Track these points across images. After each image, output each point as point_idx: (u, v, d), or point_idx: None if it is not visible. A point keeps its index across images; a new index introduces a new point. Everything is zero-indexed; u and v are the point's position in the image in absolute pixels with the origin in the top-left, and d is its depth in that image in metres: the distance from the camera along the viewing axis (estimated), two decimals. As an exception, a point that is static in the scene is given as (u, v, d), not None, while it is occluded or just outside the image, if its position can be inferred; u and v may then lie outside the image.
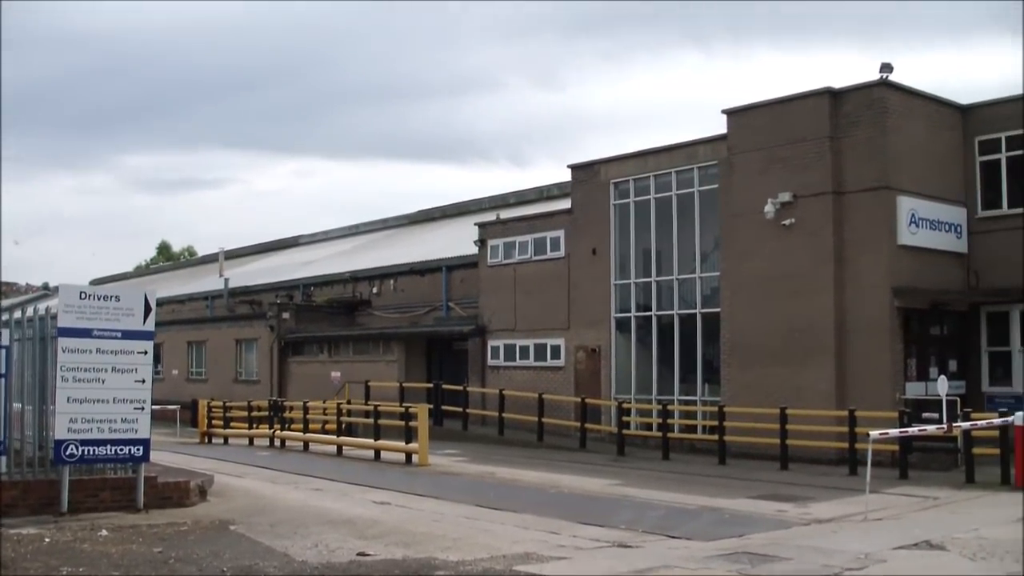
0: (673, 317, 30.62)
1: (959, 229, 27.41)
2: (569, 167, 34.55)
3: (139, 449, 15.89)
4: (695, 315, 29.97)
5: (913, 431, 21.01)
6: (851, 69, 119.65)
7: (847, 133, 26.15)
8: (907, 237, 25.73)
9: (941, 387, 20.77)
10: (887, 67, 25.86)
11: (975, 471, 21.13)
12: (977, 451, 21.42)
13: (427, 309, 42.93)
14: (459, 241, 41.88)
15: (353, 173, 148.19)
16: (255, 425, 37.04)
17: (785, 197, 26.72)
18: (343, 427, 32.66)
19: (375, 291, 46.36)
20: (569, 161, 35.19)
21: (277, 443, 33.70)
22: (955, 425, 20.72)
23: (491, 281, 37.37)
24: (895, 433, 20.53)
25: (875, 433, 18.62)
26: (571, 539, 14.71)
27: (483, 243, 37.83)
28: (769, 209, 26.85)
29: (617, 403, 30.12)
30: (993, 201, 27.56)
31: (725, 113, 28.80)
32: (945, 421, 20.63)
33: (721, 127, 29.02)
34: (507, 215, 40.23)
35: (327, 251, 59.00)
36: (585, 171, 33.77)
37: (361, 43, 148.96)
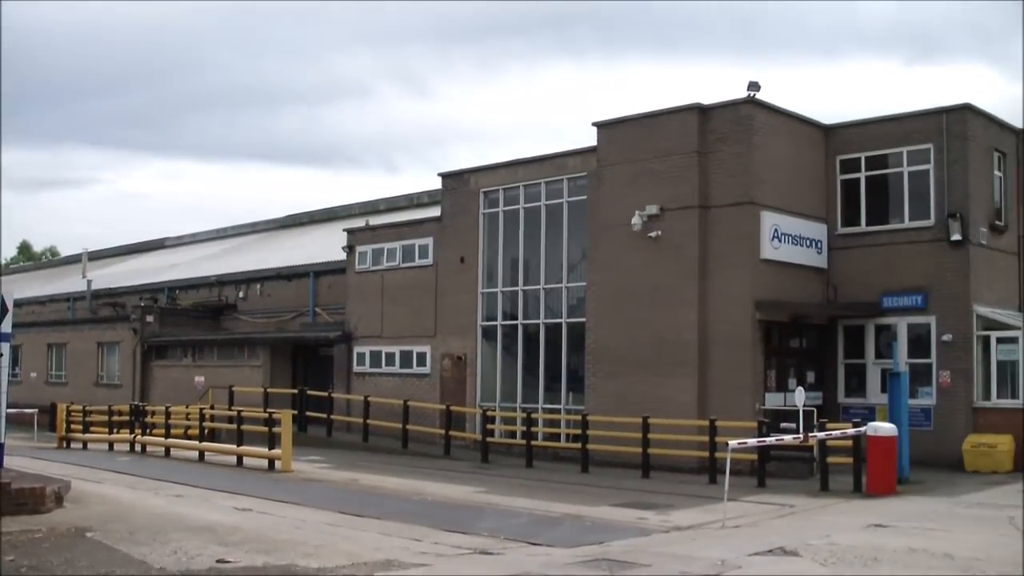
0: (539, 326, 30.78)
1: (820, 245, 28.08)
2: (439, 175, 34.55)
3: (-10, 452, 15.43)
4: (561, 324, 30.16)
5: (771, 441, 21.46)
6: (722, 84, 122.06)
7: (714, 149, 26.60)
8: (770, 252, 26.25)
9: (798, 398, 21.22)
10: (755, 85, 26.35)
11: (829, 480, 21.64)
12: (832, 460, 21.94)
13: (294, 314, 42.57)
14: (328, 247, 41.55)
15: (222, 176, 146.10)
16: (116, 430, 36.34)
17: (652, 210, 27.05)
18: (206, 432, 32.14)
19: (242, 295, 45.83)
20: (441, 169, 35.30)
21: (138, 448, 33.05)
22: (811, 435, 21.21)
23: (359, 287, 37.17)
24: (753, 443, 20.92)
25: (734, 443, 18.98)
26: (433, 546, 14.66)
27: (351, 249, 37.60)
28: (636, 221, 27.15)
29: (482, 411, 30.19)
30: (852, 219, 28.33)
31: (596, 126, 29.03)
32: (801, 431, 21.10)
33: (592, 139, 29.27)
34: (377, 221, 40.16)
35: (194, 254, 58.14)
36: (455, 179, 33.80)
37: (231, 46, 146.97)
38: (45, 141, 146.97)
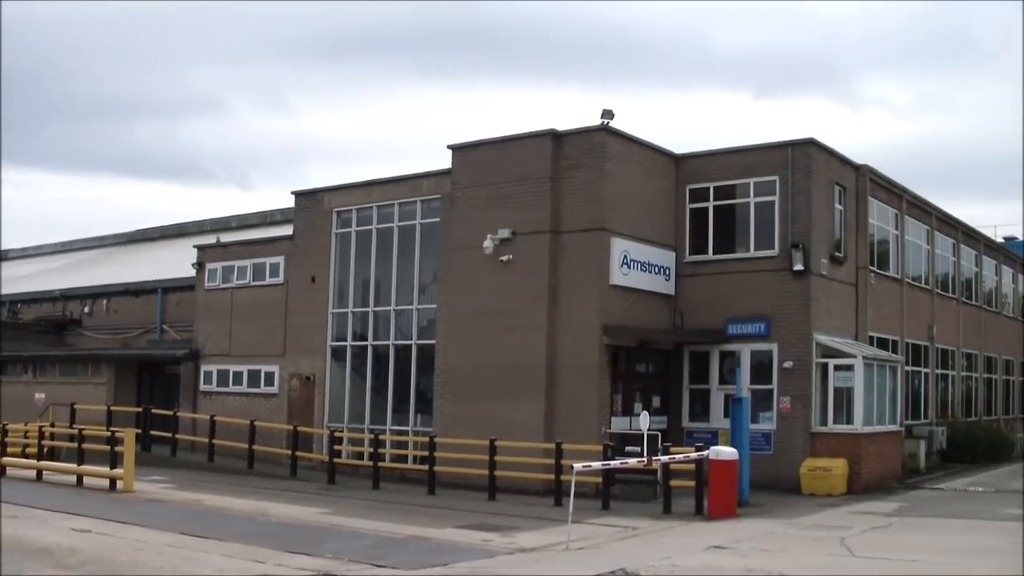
0: (389, 347, 30.66)
1: (668, 272, 28.56)
2: (293, 193, 34.19)
3: None
4: (411, 346, 30.08)
5: (615, 464, 21.74)
6: (580, 112, 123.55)
7: (567, 175, 26.87)
8: (619, 277, 26.59)
9: (643, 422, 21.55)
10: (608, 113, 26.69)
11: (672, 502, 21.97)
12: (675, 483, 22.28)
13: (141, 331, 41.65)
14: (178, 263, 40.76)
15: (72, 187, 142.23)
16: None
17: (504, 233, 27.19)
18: (45, 451, 31.20)
19: (87, 311, 44.67)
20: (295, 187, 34.84)
21: (-30, 468, 31.89)
22: (655, 459, 21.58)
23: (208, 305, 36.60)
24: (598, 466, 21.15)
25: (578, 465, 19.20)
26: (276, 568, 14.53)
27: (201, 266, 37.01)
28: (488, 245, 27.24)
29: (330, 431, 29.92)
30: (700, 247, 28.90)
31: (451, 148, 29.07)
32: (646, 455, 21.44)
33: (447, 162, 29.29)
34: (228, 239, 39.53)
35: (38, 267, 56.54)
36: (309, 198, 33.53)
37: (81, 56, 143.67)
38: None
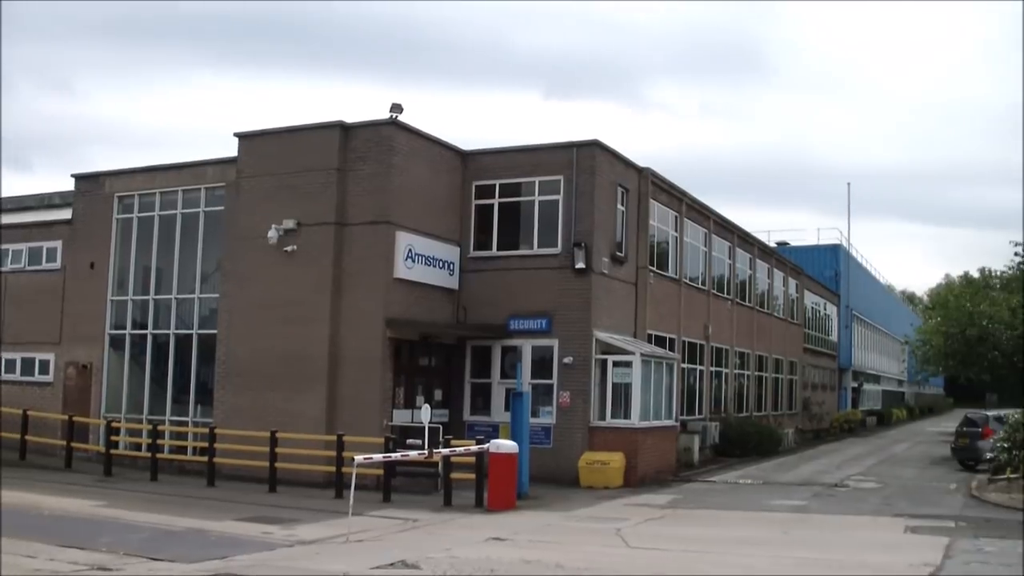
0: (169, 336, 30.13)
1: (452, 267, 28.94)
2: (73, 176, 33.18)
3: None
4: (192, 336, 29.68)
5: (396, 457, 22.01)
6: (374, 105, 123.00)
7: (354, 167, 26.92)
8: (403, 271, 26.81)
9: (424, 415, 21.82)
10: (397, 107, 26.83)
11: (453, 495, 22.33)
12: (456, 476, 22.63)
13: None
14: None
15: None
16: None
17: (289, 224, 27.04)
18: None
19: None
20: (77, 171, 33.77)
21: None
22: (436, 451, 21.89)
23: (-23, 289, 35.23)
24: (379, 458, 21.34)
25: (359, 458, 19.36)
26: (48, 563, 14.21)
27: (-30, 249, 35.64)
28: (273, 235, 27.03)
29: (106, 422, 29.24)
30: (484, 243, 29.39)
31: (237, 136, 28.72)
32: (427, 447, 21.74)
33: (235, 151, 28.95)
34: (3, 221, 38.07)
35: None
36: (89, 182, 32.58)
37: None
38: None
